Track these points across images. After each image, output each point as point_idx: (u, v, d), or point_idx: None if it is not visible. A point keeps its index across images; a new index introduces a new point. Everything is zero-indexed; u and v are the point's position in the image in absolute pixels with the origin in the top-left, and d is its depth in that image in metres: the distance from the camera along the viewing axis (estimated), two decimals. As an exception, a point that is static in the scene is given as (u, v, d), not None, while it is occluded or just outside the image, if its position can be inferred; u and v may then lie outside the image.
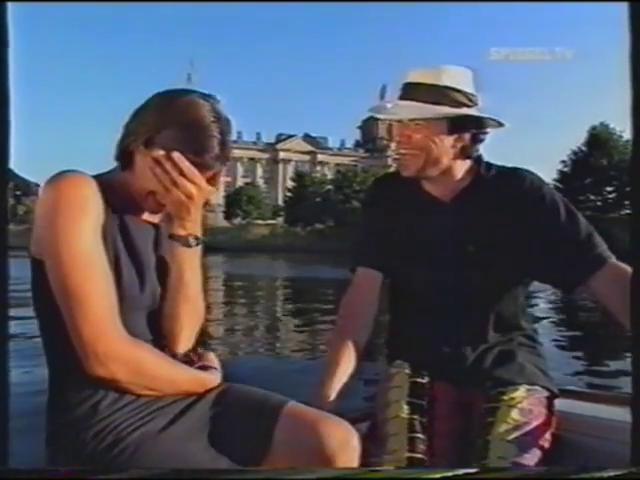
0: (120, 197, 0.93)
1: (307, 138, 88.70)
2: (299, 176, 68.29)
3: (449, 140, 1.20)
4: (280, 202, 73.62)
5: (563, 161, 47.15)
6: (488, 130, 1.24)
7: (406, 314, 1.34)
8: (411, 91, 1.21)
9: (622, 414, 0.80)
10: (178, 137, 0.87)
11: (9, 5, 0.75)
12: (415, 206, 1.31)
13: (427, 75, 1.20)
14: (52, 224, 0.83)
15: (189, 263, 0.98)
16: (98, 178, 0.92)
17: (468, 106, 1.20)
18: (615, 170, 42.33)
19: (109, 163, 0.95)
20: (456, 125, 1.19)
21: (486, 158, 1.30)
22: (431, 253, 1.27)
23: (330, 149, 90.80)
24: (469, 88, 1.21)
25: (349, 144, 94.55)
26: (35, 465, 0.75)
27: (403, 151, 1.23)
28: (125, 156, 0.92)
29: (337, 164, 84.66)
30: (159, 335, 0.97)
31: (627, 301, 0.85)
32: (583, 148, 46.27)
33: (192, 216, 0.95)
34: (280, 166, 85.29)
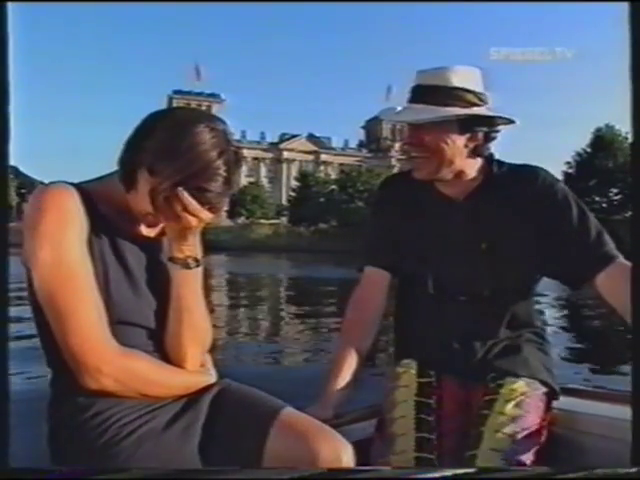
0: (115, 206, 0.92)
1: (311, 138, 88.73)
2: (303, 176, 68.30)
3: (461, 140, 1.20)
4: (284, 202, 73.65)
5: (567, 162, 47.04)
6: (499, 128, 1.24)
7: (416, 312, 1.33)
8: (421, 93, 1.20)
9: (625, 412, 0.80)
10: (182, 170, 0.84)
11: (9, 5, 0.75)
12: (427, 205, 1.30)
13: (437, 77, 1.19)
14: (33, 239, 0.83)
15: (189, 286, 0.95)
16: (90, 187, 0.91)
17: (479, 105, 1.19)
18: (620, 172, 42.17)
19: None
20: (468, 125, 1.19)
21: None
22: (444, 252, 1.27)
23: (334, 149, 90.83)
24: (479, 87, 1.21)
25: (353, 144, 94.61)
26: (35, 465, 0.75)
27: (416, 154, 1.22)
28: (128, 177, 0.89)
29: (341, 164, 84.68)
30: (155, 347, 0.95)
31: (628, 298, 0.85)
32: (588, 150, 46.10)
33: (189, 241, 0.93)
34: (284, 166, 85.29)
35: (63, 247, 0.82)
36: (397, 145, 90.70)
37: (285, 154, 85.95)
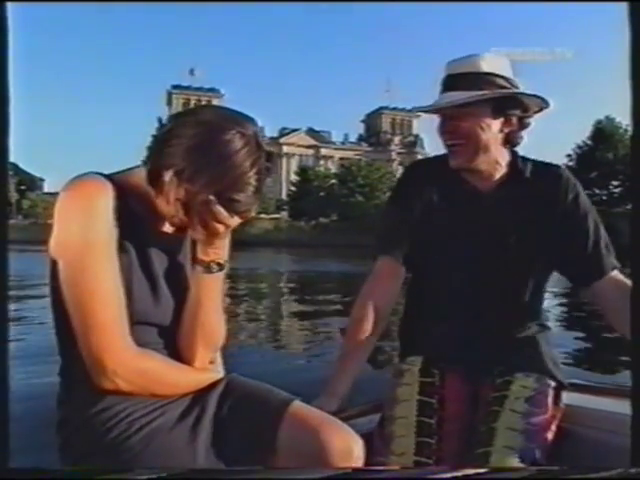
0: (144, 201, 0.90)
1: (310, 132, 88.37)
2: (303, 170, 68.08)
3: (496, 125, 1.20)
4: (284, 196, 73.48)
5: (568, 155, 46.91)
6: (533, 114, 1.24)
7: (428, 306, 1.31)
8: (452, 81, 1.21)
9: (629, 407, 0.81)
10: (216, 182, 0.82)
11: (9, 5, 0.74)
12: (451, 196, 1.28)
13: (466, 64, 1.20)
14: (64, 232, 0.82)
15: (209, 289, 0.94)
16: (121, 179, 0.89)
17: (509, 89, 1.19)
18: (621, 164, 42.05)
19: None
20: (501, 109, 1.19)
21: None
22: (464, 244, 1.26)
23: (334, 143, 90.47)
24: (508, 73, 1.21)
25: (353, 138, 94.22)
26: (35, 465, 0.76)
27: (451, 142, 1.22)
28: (155, 180, 0.86)
29: (341, 158, 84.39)
30: (168, 344, 0.95)
31: (623, 308, 0.91)
32: (588, 142, 45.95)
33: (216, 244, 0.91)
34: (284, 160, 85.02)
35: (92, 246, 0.82)
36: (397, 139, 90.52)
37: (285, 148, 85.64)
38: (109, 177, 0.88)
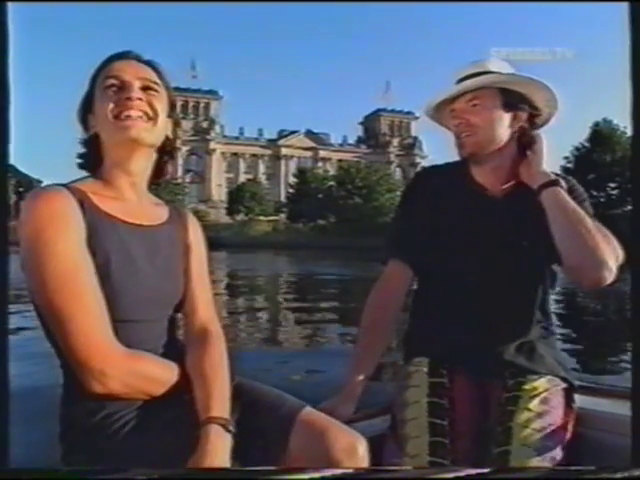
0: (113, 198, 0.91)
1: (309, 134, 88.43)
2: (301, 172, 68.04)
3: (506, 119, 1.23)
4: (282, 198, 73.49)
5: (566, 157, 46.93)
6: (544, 116, 1.27)
7: (437, 308, 1.31)
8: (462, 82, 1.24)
9: None
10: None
11: (9, 5, 0.75)
12: (462, 200, 1.29)
13: (473, 67, 1.24)
14: (28, 249, 0.81)
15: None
16: (85, 184, 0.90)
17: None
18: (618, 166, 42.05)
19: None
20: (510, 103, 1.22)
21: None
22: (475, 247, 1.26)
23: (332, 145, 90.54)
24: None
25: (351, 140, 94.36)
26: (35, 465, 0.76)
27: (465, 134, 1.24)
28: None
29: (339, 160, 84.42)
30: (158, 341, 0.95)
31: None
32: (586, 144, 46.01)
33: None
34: (282, 162, 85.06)
35: (59, 256, 0.81)
36: (395, 141, 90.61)
37: (283, 150, 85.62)
38: (72, 184, 0.89)
